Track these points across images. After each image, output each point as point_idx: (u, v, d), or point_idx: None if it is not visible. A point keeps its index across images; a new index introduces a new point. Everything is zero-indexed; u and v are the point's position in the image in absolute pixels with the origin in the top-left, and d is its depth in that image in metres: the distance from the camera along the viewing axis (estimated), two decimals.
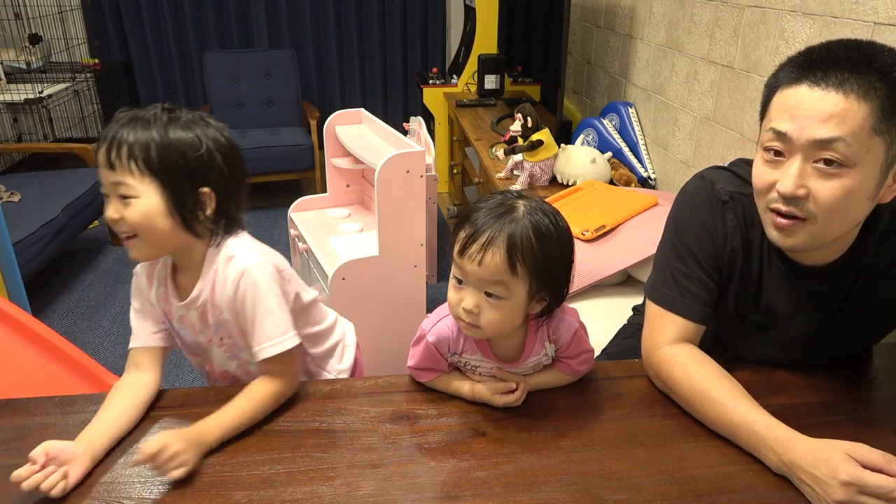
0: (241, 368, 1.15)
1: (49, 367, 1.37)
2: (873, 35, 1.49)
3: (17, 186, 3.03)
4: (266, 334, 1.02)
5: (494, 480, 0.87)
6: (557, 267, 0.92)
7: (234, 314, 1.04)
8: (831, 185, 0.87)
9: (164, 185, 0.96)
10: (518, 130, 2.44)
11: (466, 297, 0.92)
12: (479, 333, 0.95)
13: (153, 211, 0.96)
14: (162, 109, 0.97)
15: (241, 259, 1.02)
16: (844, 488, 0.78)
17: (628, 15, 2.80)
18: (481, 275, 0.89)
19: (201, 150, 0.98)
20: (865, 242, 1.00)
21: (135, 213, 0.95)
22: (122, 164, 0.94)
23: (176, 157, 0.96)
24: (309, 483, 0.87)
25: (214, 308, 1.05)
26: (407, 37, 4.74)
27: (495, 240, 0.88)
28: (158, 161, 0.95)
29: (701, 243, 1.05)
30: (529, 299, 0.93)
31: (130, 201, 0.95)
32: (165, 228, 0.97)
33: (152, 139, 0.94)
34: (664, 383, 1.03)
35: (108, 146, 0.94)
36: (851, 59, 0.85)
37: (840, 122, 0.84)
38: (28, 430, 0.97)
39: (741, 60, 1.99)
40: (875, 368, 1.16)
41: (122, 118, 0.96)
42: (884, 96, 0.84)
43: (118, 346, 2.57)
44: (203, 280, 1.04)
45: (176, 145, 0.96)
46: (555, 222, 0.92)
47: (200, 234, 1.02)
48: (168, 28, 4.55)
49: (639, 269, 1.88)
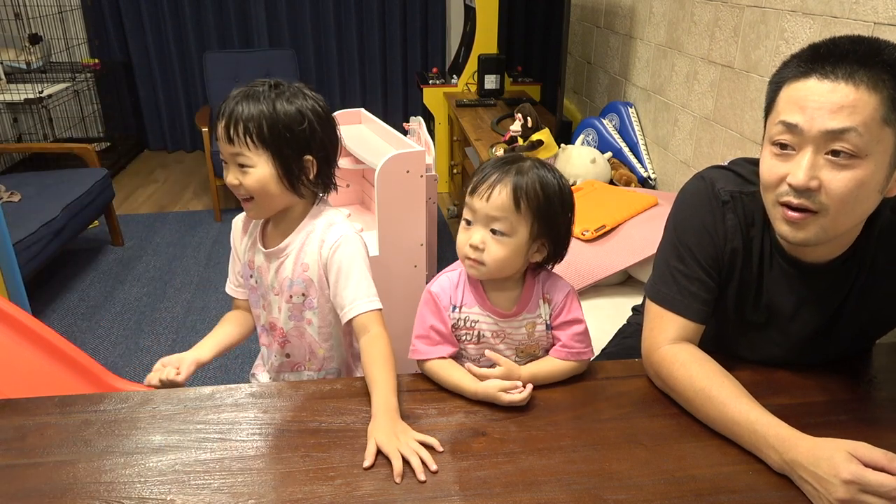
0: (296, 330, 1.23)
1: (49, 367, 1.37)
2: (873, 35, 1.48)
3: (17, 186, 3.03)
4: (363, 292, 1.13)
5: (494, 480, 0.87)
6: (558, 217, 1.03)
7: (325, 272, 1.16)
8: (843, 176, 0.86)
9: (275, 156, 1.09)
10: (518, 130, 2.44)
11: (474, 234, 1.01)
12: (483, 272, 1.02)
13: (266, 178, 1.10)
14: (269, 86, 1.10)
15: (343, 228, 1.16)
16: (846, 487, 0.78)
17: (628, 15, 2.80)
18: (488, 210, 0.99)
19: (304, 123, 1.10)
20: (866, 239, 1.00)
21: (251, 179, 1.09)
22: (239, 138, 1.07)
23: (284, 130, 1.09)
24: (309, 483, 0.87)
25: (299, 264, 1.17)
26: (407, 37, 4.74)
27: (503, 180, 0.99)
28: (269, 135, 1.08)
29: (701, 243, 1.05)
30: (531, 241, 1.01)
31: (247, 170, 1.09)
32: (276, 192, 1.11)
33: (262, 114, 1.07)
34: (664, 383, 1.03)
35: (226, 122, 1.08)
36: (858, 52, 0.86)
37: (851, 112, 0.84)
38: (28, 430, 0.97)
39: (741, 60, 1.99)
40: (875, 368, 1.16)
41: (236, 96, 1.09)
42: (892, 87, 0.84)
43: (118, 346, 2.57)
44: (295, 234, 1.17)
45: (283, 120, 1.09)
46: (558, 179, 1.03)
47: (303, 194, 1.16)
48: (168, 28, 4.56)
49: (639, 269, 1.88)
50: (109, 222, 3.43)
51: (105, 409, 1.01)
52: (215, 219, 3.77)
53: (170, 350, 2.53)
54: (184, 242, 3.51)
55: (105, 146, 4.59)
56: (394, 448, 0.90)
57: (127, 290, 3.01)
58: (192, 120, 4.72)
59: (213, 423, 0.99)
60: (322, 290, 1.18)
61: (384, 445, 0.91)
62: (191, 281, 3.09)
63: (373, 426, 0.94)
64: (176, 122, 4.92)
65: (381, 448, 0.91)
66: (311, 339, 1.23)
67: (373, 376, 1.03)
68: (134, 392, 1.07)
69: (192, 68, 4.68)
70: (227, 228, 3.61)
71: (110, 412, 1.01)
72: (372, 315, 1.11)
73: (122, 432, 0.97)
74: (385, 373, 1.03)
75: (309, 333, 1.23)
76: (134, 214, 3.86)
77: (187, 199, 4.14)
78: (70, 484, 0.87)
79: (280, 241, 1.17)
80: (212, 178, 3.72)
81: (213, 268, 3.22)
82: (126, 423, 0.98)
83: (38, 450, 0.93)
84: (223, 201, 3.95)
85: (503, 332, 1.08)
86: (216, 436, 0.96)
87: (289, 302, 1.20)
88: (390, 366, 1.04)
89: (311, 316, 1.21)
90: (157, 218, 3.83)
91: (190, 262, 3.28)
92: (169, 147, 5.00)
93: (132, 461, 0.91)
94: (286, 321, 1.22)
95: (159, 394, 1.05)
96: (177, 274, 3.17)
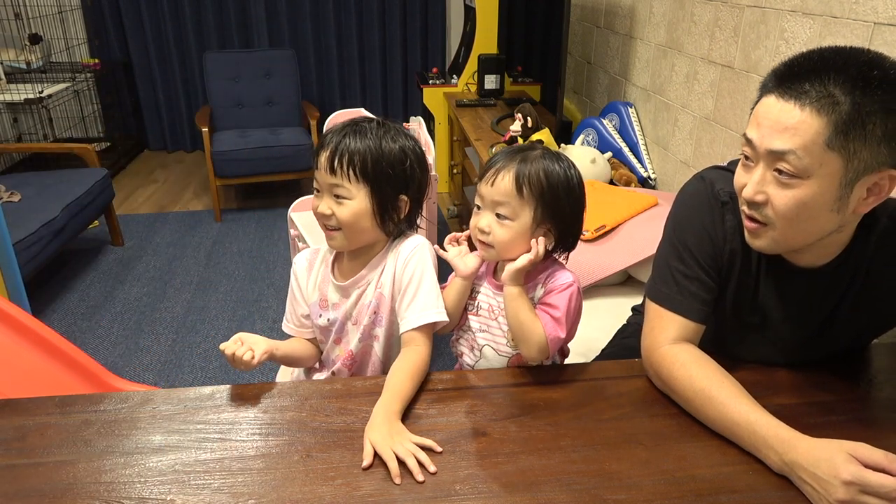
0: (364, 349, 1.21)
1: (49, 367, 1.37)
2: (873, 35, 1.49)
3: (17, 186, 3.03)
4: (432, 302, 1.12)
5: (494, 480, 0.87)
6: (563, 203, 1.07)
7: (399, 283, 1.14)
8: (785, 194, 0.89)
9: (373, 192, 1.10)
10: (518, 130, 2.44)
11: (482, 218, 1.08)
12: (492, 254, 1.10)
13: (361, 212, 1.10)
14: (377, 124, 1.12)
15: (417, 239, 1.17)
16: (846, 488, 0.78)
17: (628, 15, 2.80)
18: (493, 195, 1.06)
19: (406, 163, 1.12)
20: (862, 245, 1.00)
21: (346, 211, 1.10)
22: (342, 169, 1.08)
23: (387, 167, 1.10)
24: (309, 483, 0.87)
25: (376, 287, 1.16)
26: (407, 37, 4.74)
27: (507, 167, 1.06)
28: (372, 170, 1.09)
29: (700, 244, 1.05)
30: (535, 226, 1.06)
31: (344, 201, 1.10)
32: (367, 227, 1.12)
33: (369, 149, 1.09)
34: (664, 383, 1.03)
35: (331, 152, 1.09)
36: (820, 70, 0.85)
37: (793, 135, 0.86)
38: (28, 430, 0.97)
39: (741, 60, 1.99)
40: (875, 368, 1.16)
41: (343, 129, 1.11)
42: (843, 111, 0.83)
43: (118, 346, 2.57)
44: (372, 267, 1.17)
45: (388, 157, 1.10)
46: (566, 169, 1.08)
47: (390, 232, 1.16)
48: (168, 28, 4.56)
49: (639, 269, 1.88)
50: (109, 222, 3.43)
51: (105, 409, 1.01)
52: (215, 219, 3.77)
53: (170, 350, 2.53)
54: (184, 242, 3.51)
55: (105, 146, 4.59)
56: (387, 449, 0.90)
57: (127, 290, 3.01)
58: (192, 120, 4.72)
59: (213, 423, 0.99)
60: (391, 305, 1.17)
61: (378, 446, 0.91)
62: (191, 281, 3.09)
63: (369, 426, 0.95)
64: (176, 122, 4.92)
65: (375, 448, 0.91)
66: (375, 356, 1.21)
67: (389, 382, 1.02)
68: (134, 392, 1.07)
69: (192, 68, 4.68)
70: (226, 228, 3.63)
71: (110, 412, 1.01)
72: (423, 329, 1.11)
73: (122, 432, 0.97)
74: (402, 382, 1.02)
75: (374, 351, 1.21)
76: (134, 214, 3.86)
77: (187, 199, 4.14)
78: (70, 484, 0.87)
79: (356, 274, 1.16)
80: (212, 178, 3.72)
81: (213, 268, 3.22)
82: (126, 423, 0.98)
83: (38, 450, 0.93)
84: (223, 201, 3.96)
85: (498, 306, 1.12)
86: (216, 436, 0.96)
87: (357, 324, 1.19)
88: (412, 378, 1.04)
89: (378, 332, 1.19)
90: (157, 218, 3.83)
91: (190, 262, 3.28)
92: (169, 147, 5.00)
93: (132, 461, 0.91)
94: (356, 344, 1.20)
95: (159, 394, 1.05)
96: (177, 274, 3.17)
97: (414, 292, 1.12)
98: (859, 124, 0.83)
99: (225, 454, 0.92)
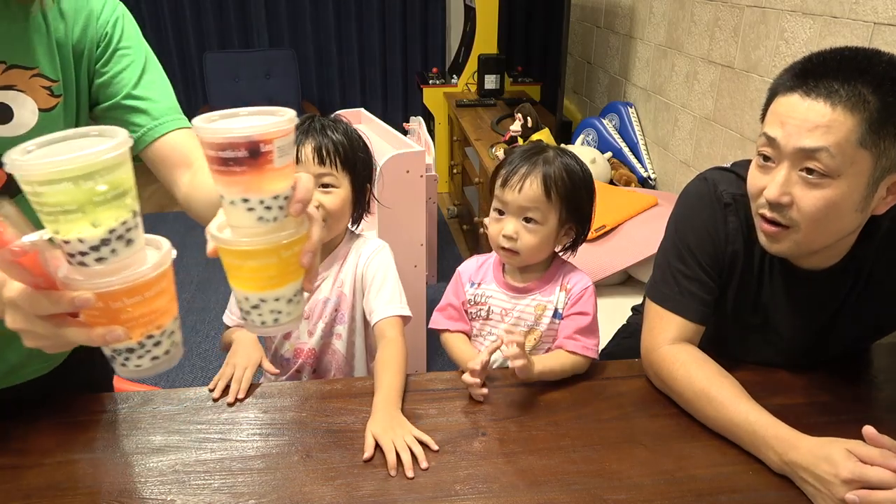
0: (326, 346, 1.23)
1: None
2: (873, 35, 1.49)
3: None
4: (396, 297, 1.16)
5: (494, 480, 0.87)
6: (583, 201, 1.11)
7: (360, 282, 1.18)
8: (814, 194, 0.87)
9: (352, 179, 1.15)
10: (518, 130, 2.44)
11: (506, 225, 1.08)
12: (517, 260, 1.10)
13: (346, 199, 1.14)
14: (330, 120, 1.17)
15: (376, 241, 1.22)
16: (847, 485, 0.78)
17: (628, 15, 2.80)
18: (521, 202, 1.06)
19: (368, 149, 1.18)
20: (865, 248, 1.00)
21: (336, 199, 1.13)
22: (330, 158, 1.12)
23: (361, 153, 1.16)
24: (309, 483, 0.87)
25: (336, 286, 1.19)
26: (407, 37, 4.73)
27: (534, 171, 1.06)
28: (351, 157, 1.14)
29: (702, 245, 1.05)
30: (560, 226, 1.09)
31: (332, 190, 1.13)
32: (346, 215, 1.17)
33: (343, 140, 1.14)
34: (664, 383, 1.03)
35: (316, 144, 1.12)
36: (844, 69, 0.85)
37: (825, 132, 0.84)
38: (28, 431, 0.97)
39: (741, 60, 1.99)
40: (875, 368, 1.16)
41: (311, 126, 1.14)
42: (873, 109, 0.83)
43: None
44: (332, 259, 1.19)
45: (356, 144, 1.16)
46: (580, 165, 1.11)
47: (355, 220, 1.22)
48: (168, 28, 4.55)
49: (639, 269, 1.88)
50: None
51: (105, 410, 1.01)
52: None
53: None
54: (184, 242, 3.48)
55: None
56: (388, 440, 0.91)
57: None
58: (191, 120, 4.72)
59: (213, 423, 0.99)
60: (353, 302, 1.20)
61: (380, 436, 0.91)
62: (191, 281, 3.09)
63: (371, 419, 0.95)
64: None
65: (377, 439, 0.91)
66: (339, 354, 1.23)
67: (380, 379, 1.03)
68: (134, 392, 1.07)
69: (192, 68, 4.67)
70: None
71: (110, 412, 1.01)
72: (394, 320, 1.14)
73: (122, 432, 0.97)
74: (392, 376, 1.03)
75: (337, 348, 1.23)
76: None
77: None
78: (70, 484, 0.87)
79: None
80: None
81: (213, 268, 3.21)
82: (126, 423, 0.99)
83: (38, 450, 0.93)
84: None
85: (512, 309, 1.12)
86: (216, 436, 0.96)
87: (320, 319, 1.20)
88: (400, 371, 1.05)
89: (340, 330, 1.21)
90: (157, 218, 3.83)
91: (190, 262, 3.28)
92: None
93: (132, 461, 0.91)
94: (317, 341, 1.22)
95: (159, 394, 1.05)
96: (177, 274, 3.11)
97: (380, 286, 1.16)
98: (890, 122, 0.83)
99: (225, 454, 0.92)
